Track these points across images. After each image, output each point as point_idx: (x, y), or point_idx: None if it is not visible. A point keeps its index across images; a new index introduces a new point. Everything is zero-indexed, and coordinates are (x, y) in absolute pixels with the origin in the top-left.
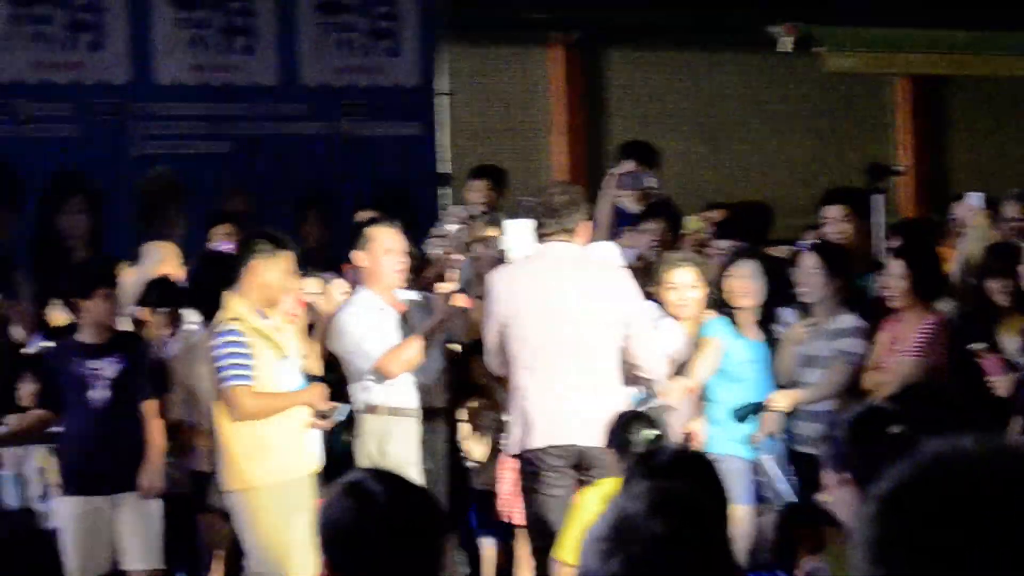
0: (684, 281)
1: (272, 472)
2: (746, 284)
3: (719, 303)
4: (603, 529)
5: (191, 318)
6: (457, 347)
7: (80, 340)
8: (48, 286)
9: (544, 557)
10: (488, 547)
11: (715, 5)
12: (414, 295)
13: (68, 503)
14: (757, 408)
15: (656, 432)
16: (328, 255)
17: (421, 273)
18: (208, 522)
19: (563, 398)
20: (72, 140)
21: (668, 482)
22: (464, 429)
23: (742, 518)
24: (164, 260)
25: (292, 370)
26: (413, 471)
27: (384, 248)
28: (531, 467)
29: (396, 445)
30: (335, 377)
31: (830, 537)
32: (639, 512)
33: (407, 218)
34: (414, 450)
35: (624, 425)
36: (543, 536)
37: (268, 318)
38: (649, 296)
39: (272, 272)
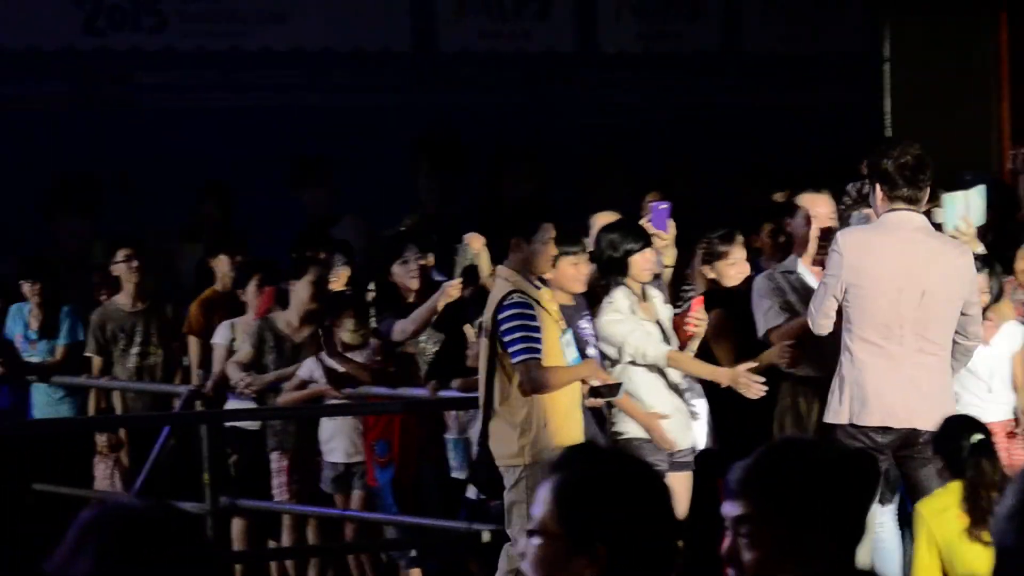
0: None
1: (547, 448)
2: None
3: None
4: (1014, 505)
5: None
6: None
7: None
8: (493, 253)
9: None
10: None
11: None
12: None
13: None
14: None
15: (983, 436)
16: None
17: None
18: None
19: (906, 380)
20: (518, 109)
21: None
22: None
23: None
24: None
25: (570, 342)
26: None
27: (810, 216)
28: (855, 443)
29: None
30: None
31: None
32: None
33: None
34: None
35: (953, 431)
36: None
37: (541, 288)
38: None
39: (533, 244)
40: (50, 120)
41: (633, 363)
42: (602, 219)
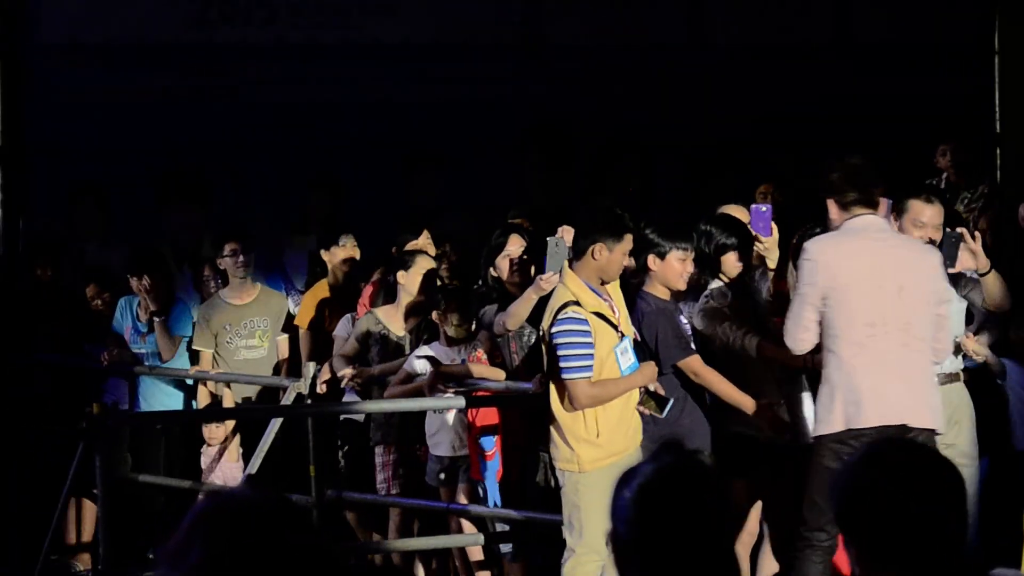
0: None
1: (602, 457)
2: None
3: None
4: None
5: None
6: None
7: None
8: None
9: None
10: None
11: None
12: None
13: None
14: None
15: None
16: None
17: None
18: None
19: (895, 377)
20: (627, 101)
21: None
22: None
23: None
24: None
25: (626, 350)
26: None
27: (911, 221)
28: (846, 449)
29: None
30: None
31: None
32: None
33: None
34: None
35: None
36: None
37: (603, 296)
38: None
39: (614, 254)
40: (159, 113)
41: None
42: (727, 212)
